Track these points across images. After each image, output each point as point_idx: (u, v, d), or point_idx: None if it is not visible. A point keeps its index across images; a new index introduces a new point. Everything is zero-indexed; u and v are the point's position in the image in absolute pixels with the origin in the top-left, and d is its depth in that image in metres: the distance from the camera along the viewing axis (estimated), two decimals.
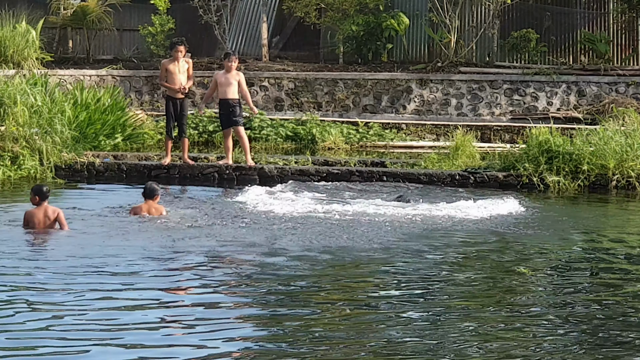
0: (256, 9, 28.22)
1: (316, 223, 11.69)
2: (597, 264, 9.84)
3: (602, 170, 15.42)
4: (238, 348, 6.72)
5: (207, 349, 6.65)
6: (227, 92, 16.38)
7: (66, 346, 6.63)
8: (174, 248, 10.18)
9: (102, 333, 6.94)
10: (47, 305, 7.67)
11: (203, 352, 6.60)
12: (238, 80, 16.43)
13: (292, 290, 8.42)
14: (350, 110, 24.70)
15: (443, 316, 7.55)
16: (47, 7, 27.60)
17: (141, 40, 28.23)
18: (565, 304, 8.02)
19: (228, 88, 16.38)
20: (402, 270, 9.31)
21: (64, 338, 6.81)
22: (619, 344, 6.89)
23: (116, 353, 6.52)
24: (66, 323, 7.18)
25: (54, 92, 18.86)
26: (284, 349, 6.67)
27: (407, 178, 15.86)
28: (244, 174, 16.26)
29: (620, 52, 25.92)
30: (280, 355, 6.51)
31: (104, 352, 6.53)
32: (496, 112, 24.10)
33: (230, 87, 16.37)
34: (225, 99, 16.42)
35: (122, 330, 7.00)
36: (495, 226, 11.90)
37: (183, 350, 6.62)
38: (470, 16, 25.91)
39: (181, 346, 6.70)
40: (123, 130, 19.86)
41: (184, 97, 16.60)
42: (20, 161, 15.80)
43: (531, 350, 6.69)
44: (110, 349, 6.59)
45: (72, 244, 10.38)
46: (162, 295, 8.18)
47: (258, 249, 10.12)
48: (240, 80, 16.47)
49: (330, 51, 26.87)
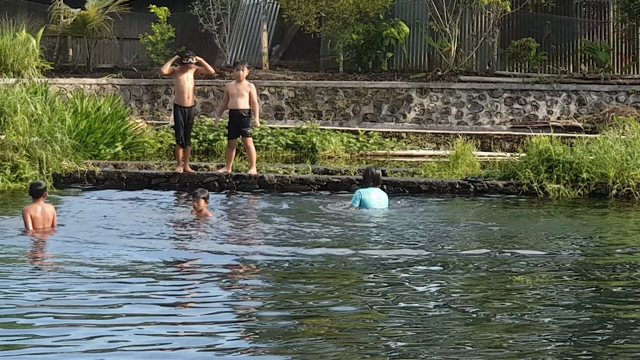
0: (256, 17, 28.25)
1: None
2: (594, 268, 9.84)
3: (602, 179, 15.40)
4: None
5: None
6: (239, 102, 16.38)
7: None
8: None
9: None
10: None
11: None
12: (249, 91, 16.42)
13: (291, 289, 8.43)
14: (351, 119, 24.70)
15: (440, 320, 7.55)
16: (47, 16, 27.63)
17: (141, 49, 28.25)
18: (563, 312, 8.01)
19: (240, 99, 16.37)
20: (390, 276, 9.31)
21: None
22: (614, 349, 6.88)
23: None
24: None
25: (54, 101, 18.86)
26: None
27: (407, 187, 15.84)
28: (243, 182, 16.25)
29: (620, 61, 25.93)
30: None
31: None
32: (496, 121, 24.10)
33: (242, 98, 16.37)
34: (236, 109, 16.41)
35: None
36: (490, 231, 11.89)
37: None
38: (471, 25, 25.93)
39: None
40: (123, 139, 19.85)
41: (192, 106, 16.66)
42: (20, 171, 15.79)
43: (529, 355, 6.69)
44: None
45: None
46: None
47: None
48: (252, 91, 16.44)
49: (331, 60, 26.88)
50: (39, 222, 11.39)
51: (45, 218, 11.44)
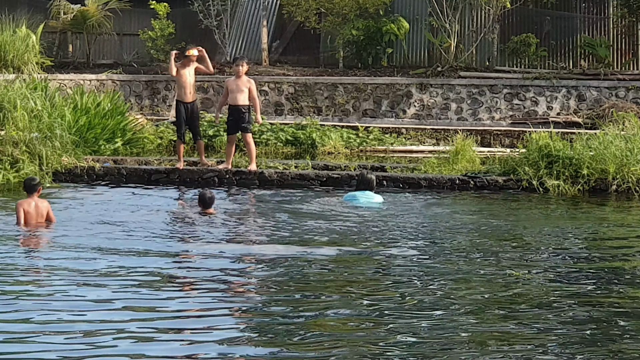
0: (256, 13, 28.25)
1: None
2: (593, 263, 9.84)
3: (602, 174, 15.41)
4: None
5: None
6: (238, 98, 16.35)
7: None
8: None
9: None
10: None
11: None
12: (249, 87, 16.40)
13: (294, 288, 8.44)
14: (350, 114, 24.70)
15: (439, 319, 7.55)
16: (47, 12, 27.63)
17: (141, 44, 28.25)
18: (560, 306, 8.02)
19: (239, 95, 16.35)
20: (393, 269, 9.32)
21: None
22: (613, 346, 6.89)
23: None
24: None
25: (54, 97, 18.86)
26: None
27: (407, 182, 15.85)
28: (243, 178, 16.26)
29: (620, 57, 25.94)
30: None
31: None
32: (496, 117, 24.11)
33: (241, 94, 16.34)
34: (236, 105, 16.39)
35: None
36: (489, 227, 11.90)
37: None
38: (470, 21, 25.93)
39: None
40: (123, 135, 19.86)
41: (193, 101, 16.66)
42: (19, 166, 15.78)
43: (527, 352, 6.69)
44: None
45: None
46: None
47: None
48: (251, 87, 16.42)
49: (330, 56, 26.89)
50: (32, 217, 11.36)
51: (38, 213, 11.40)
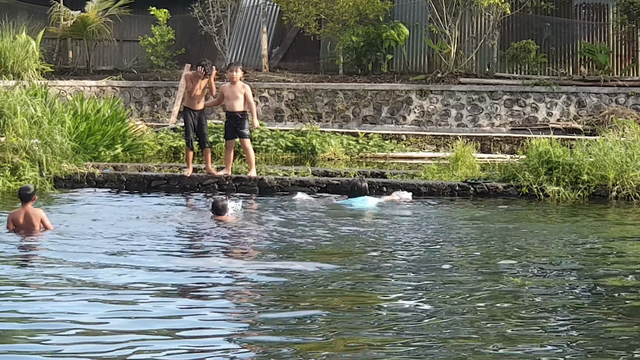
0: (256, 19, 28.27)
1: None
2: (594, 269, 9.84)
3: (602, 181, 15.41)
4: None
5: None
6: (235, 105, 16.32)
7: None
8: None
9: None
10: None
11: None
12: (244, 92, 16.38)
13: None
14: (350, 121, 24.71)
15: (441, 321, 7.56)
16: (47, 18, 27.66)
17: (141, 51, 28.28)
18: (561, 310, 8.02)
19: (235, 101, 16.33)
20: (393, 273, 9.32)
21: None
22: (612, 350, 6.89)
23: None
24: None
25: (54, 103, 18.87)
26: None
27: (407, 189, 15.84)
28: (243, 184, 16.25)
29: (620, 63, 25.96)
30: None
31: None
32: (496, 123, 24.11)
33: (237, 100, 16.32)
34: (232, 111, 16.37)
35: None
36: (490, 233, 11.89)
37: None
38: (470, 27, 25.95)
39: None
40: (123, 141, 19.86)
41: (202, 109, 16.45)
42: (20, 172, 15.78)
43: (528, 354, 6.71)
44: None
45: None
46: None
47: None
48: (247, 92, 16.40)
49: (330, 62, 26.90)
50: (22, 226, 11.27)
51: (29, 224, 11.31)
